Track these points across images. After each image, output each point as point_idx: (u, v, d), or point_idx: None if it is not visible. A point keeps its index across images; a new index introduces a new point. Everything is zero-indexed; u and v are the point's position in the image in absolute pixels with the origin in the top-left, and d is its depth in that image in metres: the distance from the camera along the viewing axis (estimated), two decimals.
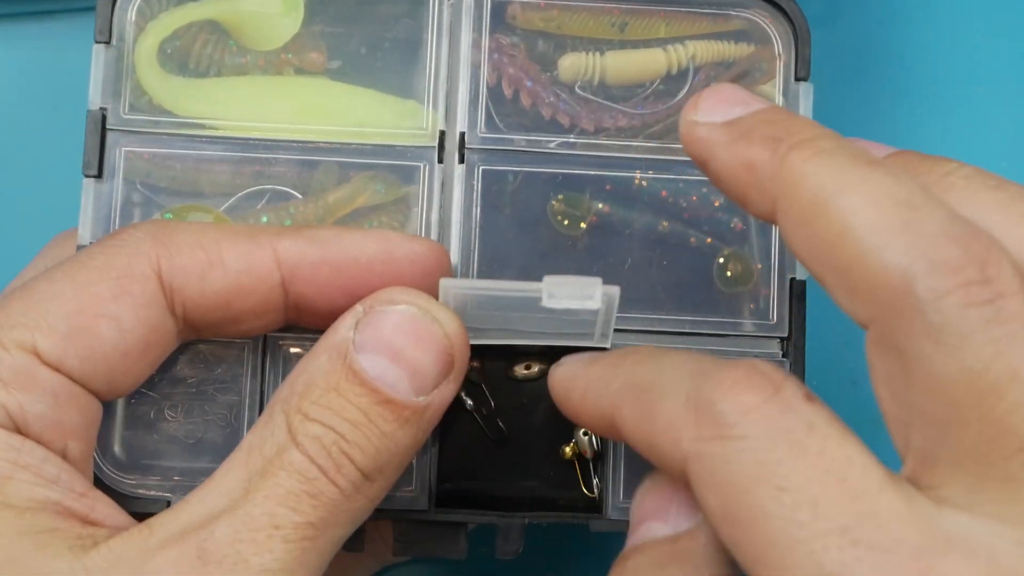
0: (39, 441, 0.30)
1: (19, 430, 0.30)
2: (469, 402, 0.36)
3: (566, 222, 0.36)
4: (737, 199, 0.30)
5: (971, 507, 0.26)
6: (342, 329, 0.31)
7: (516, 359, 0.36)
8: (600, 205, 0.36)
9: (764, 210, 0.29)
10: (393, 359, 0.31)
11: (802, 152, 0.28)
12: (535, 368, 0.36)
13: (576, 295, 0.31)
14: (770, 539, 0.26)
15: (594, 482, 0.36)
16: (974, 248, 0.26)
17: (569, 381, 0.32)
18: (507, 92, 0.36)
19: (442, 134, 0.36)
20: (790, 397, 0.27)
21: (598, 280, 0.31)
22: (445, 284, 0.32)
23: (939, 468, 0.26)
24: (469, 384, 0.36)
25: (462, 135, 0.36)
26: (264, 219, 0.35)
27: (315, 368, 0.31)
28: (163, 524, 0.30)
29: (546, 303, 0.31)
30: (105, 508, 0.31)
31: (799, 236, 0.28)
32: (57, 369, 0.31)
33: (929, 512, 0.25)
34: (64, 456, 0.31)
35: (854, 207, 0.26)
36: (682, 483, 0.28)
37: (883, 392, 0.27)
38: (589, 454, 0.36)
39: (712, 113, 0.30)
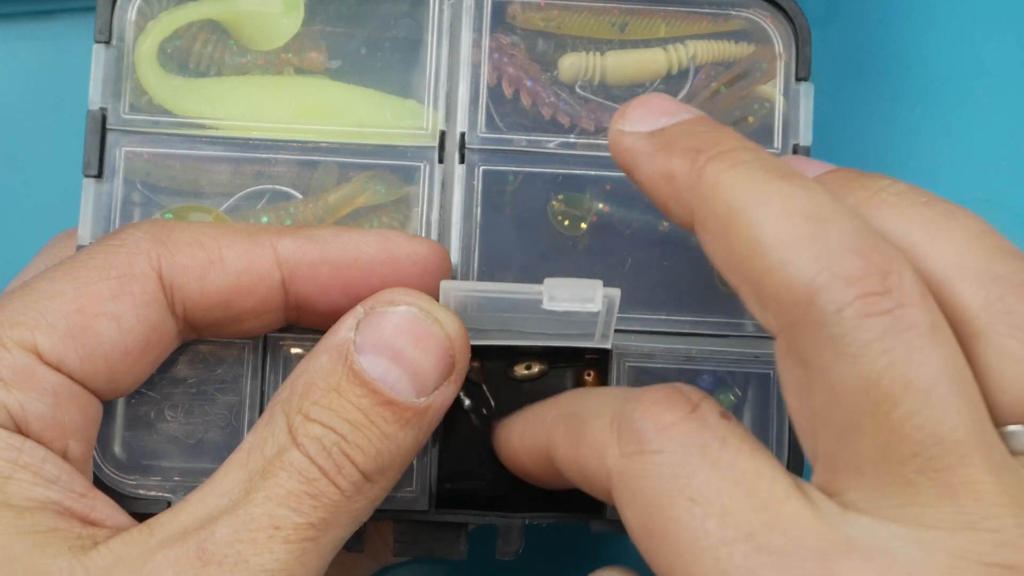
0: (39, 441, 0.30)
1: (19, 429, 0.30)
2: (467, 402, 0.36)
3: (566, 222, 0.36)
4: (660, 207, 0.30)
5: (872, 511, 0.26)
6: (343, 330, 0.31)
7: (516, 359, 0.36)
8: (600, 205, 0.36)
9: (683, 220, 0.29)
10: (394, 360, 0.31)
11: (719, 164, 0.28)
12: (535, 368, 0.36)
13: (576, 297, 0.31)
14: (680, 549, 0.27)
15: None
16: (875, 259, 0.26)
17: (508, 428, 0.34)
18: (507, 92, 0.36)
19: (442, 134, 0.36)
20: (706, 414, 0.28)
21: (598, 282, 0.31)
22: (446, 286, 0.32)
23: (843, 474, 0.27)
24: (469, 384, 0.36)
25: (462, 135, 0.36)
26: (264, 219, 0.35)
27: (316, 369, 0.31)
28: (163, 524, 0.30)
29: (546, 306, 0.31)
30: (105, 508, 0.31)
31: (714, 247, 0.28)
32: (57, 368, 0.31)
33: (832, 518, 0.26)
34: (64, 456, 0.31)
35: (763, 220, 0.27)
36: None
37: (791, 400, 0.28)
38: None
39: (639, 123, 0.31)
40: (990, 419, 0.27)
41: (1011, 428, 0.27)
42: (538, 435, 0.32)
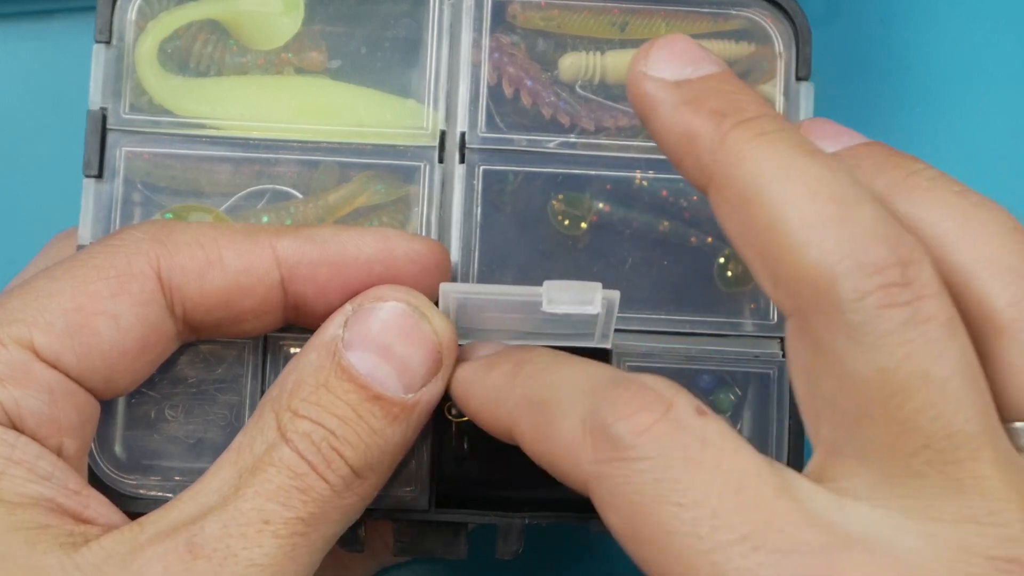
0: (34, 437, 0.30)
1: (14, 425, 0.30)
2: (454, 410, 0.36)
3: (566, 222, 0.36)
4: (672, 162, 0.29)
5: (874, 500, 0.26)
6: (331, 327, 0.31)
7: None
8: (600, 205, 0.36)
9: (698, 181, 0.29)
10: (382, 355, 0.31)
11: (745, 132, 0.28)
12: None
13: (576, 300, 0.31)
14: (674, 555, 0.26)
15: None
16: (898, 250, 0.26)
17: (466, 387, 0.33)
18: (507, 92, 0.36)
19: (442, 134, 0.36)
20: (682, 413, 0.27)
21: (598, 285, 0.31)
22: (445, 289, 0.32)
23: (845, 460, 0.27)
24: None
25: (462, 135, 0.36)
26: (264, 219, 0.35)
27: (305, 366, 0.31)
28: (153, 521, 0.30)
29: (546, 308, 0.31)
30: (99, 507, 0.31)
31: (731, 218, 0.28)
32: (54, 366, 0.31)
33: (827, 511, 0.26)
34: (59, 453, 0.31)
35: (787, 198, 0.27)
36: None
37: (798, 382, 0.28)
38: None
39: (662, 68, 0.30)
40: (995, 412, 0.27)
41: (1019, 424, 0.27)
42: (499, 413, 0.31)
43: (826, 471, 0.27)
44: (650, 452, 0.27)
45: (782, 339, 0.36)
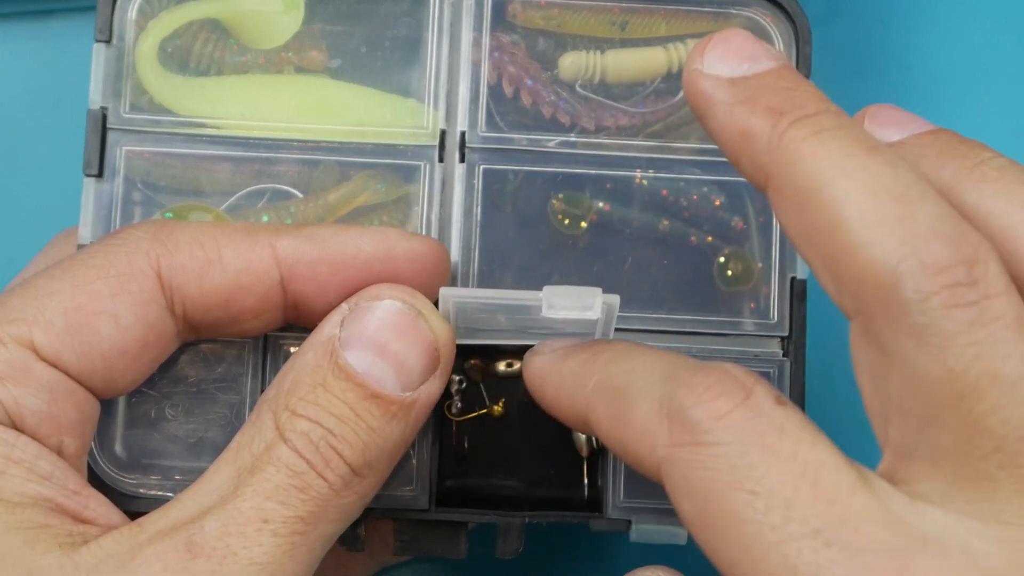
0: (34, 436, 0.30)
1: (14, 425, 0.30)
2: (457, 378, 0.36)
3: (566, 221, 0.36)
4: (730, 161, 0.29)
5: (946, 504, 0.26)
6: (328, 327, 0.31)
7: (498, 356, 0.36)
8: (600, 204, 0.36)
9: (756, 181, 0.28)
10: (379, 354, 0.31)
11: (802, 130, 0.27)
12: (516, 366, 0.36)
13: (576, 305, 0.31)
14: (744, 544, 0.26)
15: (585, 483, 0.36)
16: (963, 248, 0.26)
17: (543, 375, 0.33)
18: (507, 91, 0.36)
19: (443, 133, 0.36)
20: (761, 401, 0.27)
21: (597, 290, 0.31)
22: (445, 293, 0.32)
23: (916, 464, 0.26)
24: (469, 384, 0.36)
25: (463, 134, 0.36)
26: (265, 218, 0.35)
27: (302, 366, 0.31)
28: (153, 521, 0.30)
29: (546, 313, 0.31)
30: (98, 507, 0.31)
31: (790, 218, 0.27)
32: (54, 364, 0.31)
33: (903, 511, 0.26)
34: (59, 452, 0.31)
35: (848, 197, 0.26)
36: None
37: (865, 385, 0.27)
38: (584, 452, 0.36)
39: (718, 65, 0.29)
40: None
41: None
42: (575, 400, 0.31)
43: (897, 474, 0.27)
44: (727, 438, 0.26)
45: (782, 338, 0.36)
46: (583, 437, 0.36)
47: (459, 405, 0.36)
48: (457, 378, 0.35)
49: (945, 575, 0.25)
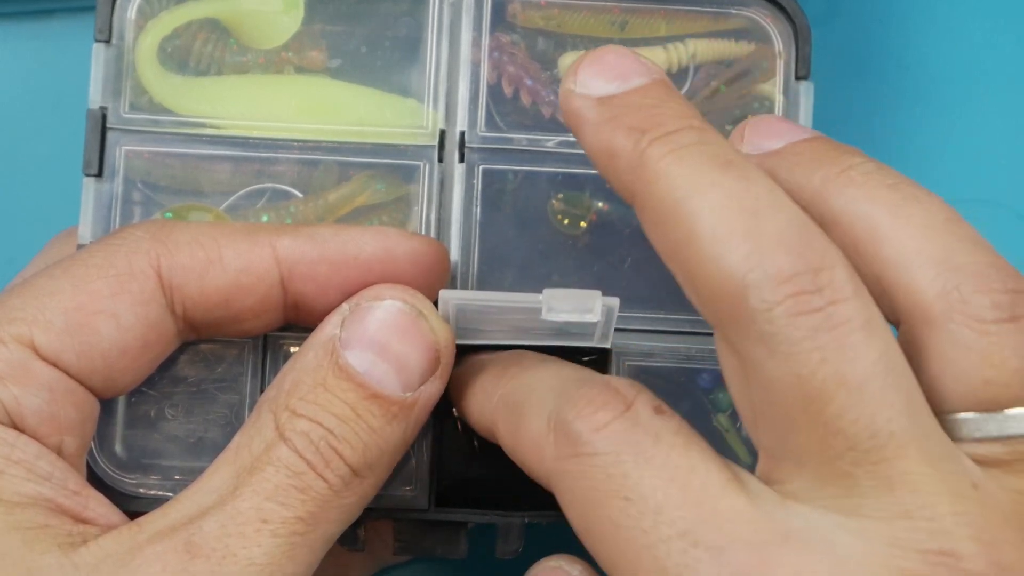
0: (34, 436, 0.30)
1: (14, 424, 0.30)
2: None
3: (566, 221, 0.36)
4: (603, 177, 0.30)
5: (813, 501, 0.26)
6: (328, 327, 0.31)
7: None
8: (600, 204, 0.36)
9: (624, 197, 0.29)
10: (380, 354, 0.31)
11: (661, 147, 0.28)
12: None
13: (576, 308, 0.31)
14: (621, 548, 0.27)
15: None
16: (808, 256, 0.26)
17: (459, 385, 0.34)
18: (507, 91, 0.36)
19: (442, 133, 0.36)
20: (639, 412, 0.28)
21: (597, 293, 0.31)
22: (445, 295, 0.32)
23: (783, 464, 0.27)
24: None
25: (462, 134, 0.36)
26: (264, 218, 0.35)
27: (302, 366, 0.31)
28: (152, 521, 0.30)
29: (545, 316, 0.31)
30: (98, 507, 0.31)
31: (654, 234, 0.28)
32: (54, 364, 0.31)
33: (771, 509, 0.26)
34: (59, 452, 0.31)
35: (699, 212, 0.27)
36: (558, 570, 0.31)
37: (732, 390, 0.28)
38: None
39: (588, 84, 0.30)
40: (928, 409, 0.27)
41: (959, 416, 0.27)
42: (483, 414, 0.32)
43: (771, 474, 0.27)
44: (604, 448, 0.27)
45: None
46: None
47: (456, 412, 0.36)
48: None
49: (805, 566, 0.25)
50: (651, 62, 0.30)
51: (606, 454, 0.27)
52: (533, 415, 0.29)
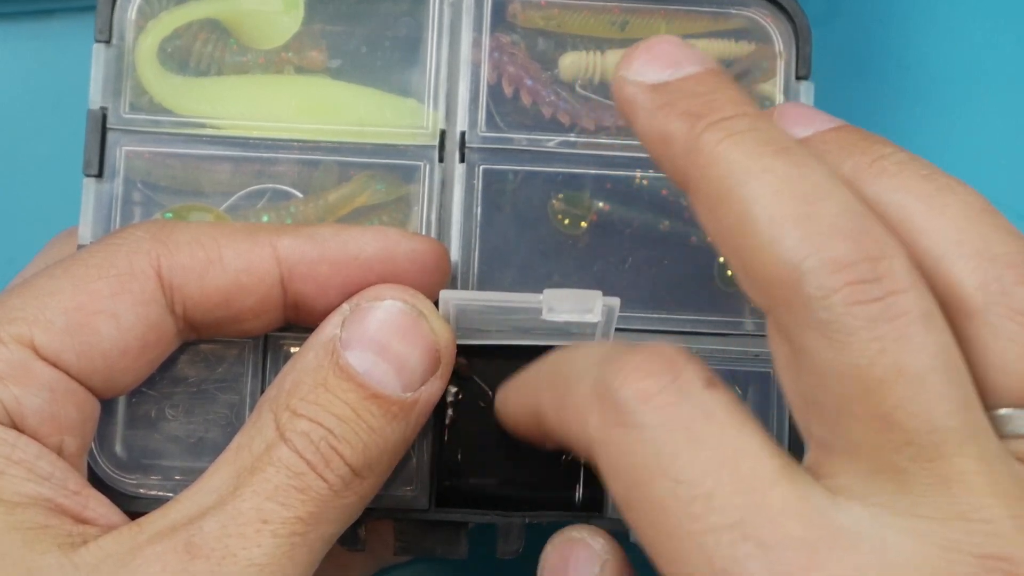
0: (34, 436, 0.30)
1: (14, 425, 0.30)
2: (453, 389, 0.36)
3: (566, 221, 0.36)
4: (656, 163, 0.30)
5: (866, 497, 0.26)
6: (329, 327, 0.31)
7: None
8: (600, 204, 0.36)
9: (677, 182, 0.29)
10: (380, 354, 0.31)
11: (716, 133, 0.28)
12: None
13: (576, 308, 0.31)
14: (667, 531, 0.26)
15: (579, 486, 0.36)
16: (866, 244, 0.26)
17: (505, 391, 0.33)
18: (507, 91, 0.36)
19: (442, 133, 0.36)
20: (690, 383, 0.27)
21: (598, 293, 0.31)
22: (445, 296, 0.32)
23: (835, 457, 0.26)
24: (459, 379, 0.36)
25: (462, 134, 0.36)
26: (265, 218, 0.35)
27: (303, 366, 0.31)
28: (152, 522, 0.30)
29: (546, 316, 0.31)
30: (99, 507, 0.31)
31: (708, 218, 0.28)
32: (54, 364, 0.31)
33: (821, 504, 0.26)
34: (59, 452, 0.31)
35: (754, 196, 0.26)
36: (581, 542, 0.30)
37: (784, 380, 0.28)
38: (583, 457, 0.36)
39: (642, 72, 0.30)
40: (981, 406, 0.26)
41: (1004, 411, 0.27)
42: (529, 398, 0.32)
43: (821, 467, 0.27)
44: (652, 421, 0.26)
45: None
46: None
47: (451, 415, 0.36)
48: (453, 390, 0.35)
49: (853, 568, 0.25)
50: (704, 52, 0.30)
51: (655, 428, 0.26)
52: (578, 382, 0.28)
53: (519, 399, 0.33)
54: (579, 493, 0.36)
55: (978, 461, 0.25)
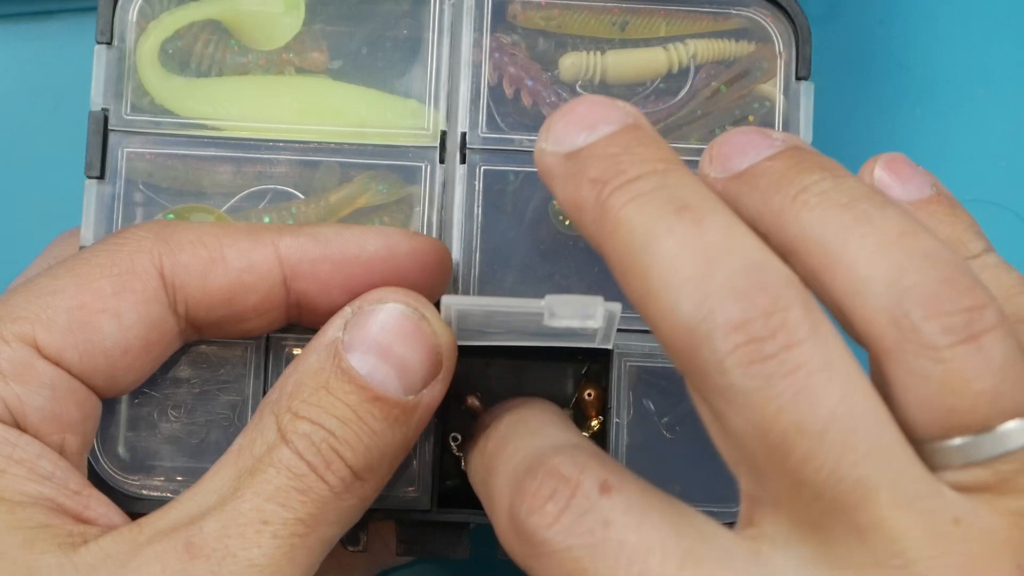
0: (36, 434, 0.31)
1: (17, 423, 0.30)
2: (458, 437, 0.36)
3: (567, 221, 0.36)
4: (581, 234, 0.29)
5: (788, 548, 0.26)
6: (331, 330, 0.31)
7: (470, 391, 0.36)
8: None
9: (597, 251, 0.28)
10: (382, 357, 0.31)
11: (619, 197, 0.27)
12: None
13: (578, 314, 0.31)
14: None
15: None
16: (758, 300, 0.25)
17: (468, 460, 0.34)
18: (508, 92, 0.36)
19: (443, 134, 0.36)
20: (586, 496, 0.27)
21: (599, 298, 0.31)
22: (447, 301, 0.32)
23: (762, 507, 0.27)
24: (468, 418, 0.36)
25: (463, 135, 0.36)
26: (266, 219, 0.35)
27: (305, 368, 0.31)
28: (152, 522, 0.30)
29: (547, 322, 0.31)
30: (99, 507, 0.31)
31: (621, 285, 0.28)
32: (56, 363, 0.31)
33: (743, 567, 0.26)
34: (61, 451, 0.31)
35: (653, 262, 0.26)
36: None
37: (710, 433, 0.28)
38: None
39: (558, 141, 0.29)
40: (903, 445, 0.26)
41: (936, 445, 0.26)
42: (476, 487, 0.32)
43: (752, 517, 0.27)
44: (559, 544, 0.27)
45: None
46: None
47: (458, 438, 0.36)
48: (458, 437, 0.36)
49: None
50: (627, 105, 0.29)
51: (563, 552, 0.27)
52: (496, 506, 0.29)
53: (474, 484, 0.33)
54: None
55: (892, 506, 0.25)
